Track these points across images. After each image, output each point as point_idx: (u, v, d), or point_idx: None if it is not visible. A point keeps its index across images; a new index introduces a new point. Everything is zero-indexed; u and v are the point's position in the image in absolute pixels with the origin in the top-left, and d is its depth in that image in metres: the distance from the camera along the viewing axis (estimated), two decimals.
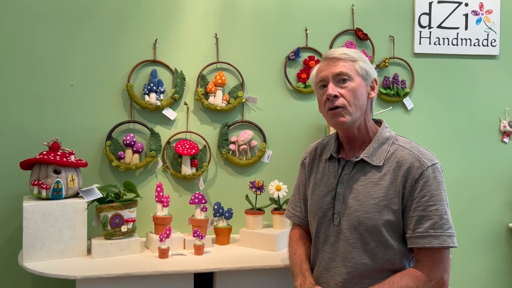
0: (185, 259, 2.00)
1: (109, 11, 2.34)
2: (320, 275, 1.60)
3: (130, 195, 2.15)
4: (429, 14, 2.67)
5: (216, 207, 2.26)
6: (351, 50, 1.58)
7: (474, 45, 2.72)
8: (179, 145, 2.37)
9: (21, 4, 2.24)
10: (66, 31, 2.29)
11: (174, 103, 2.40)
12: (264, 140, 2.50)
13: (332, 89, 1.52)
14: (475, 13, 2.71)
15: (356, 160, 1.57)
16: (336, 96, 1.52)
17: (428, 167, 1.48)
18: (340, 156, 1.62)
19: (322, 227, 1.62)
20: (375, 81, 1.61)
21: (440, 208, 1.46)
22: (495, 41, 2.74)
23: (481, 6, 2.72)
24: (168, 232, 2.02)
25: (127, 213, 2.07)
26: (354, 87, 1.53)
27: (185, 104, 2.42)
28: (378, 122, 1.65)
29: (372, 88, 1.60)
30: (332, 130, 2.43)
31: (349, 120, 1.53)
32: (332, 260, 1.57)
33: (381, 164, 1.53)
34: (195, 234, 2.08)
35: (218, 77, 2.41)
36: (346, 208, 1.54)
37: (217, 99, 2.41)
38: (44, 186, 1.99)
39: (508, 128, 2.76)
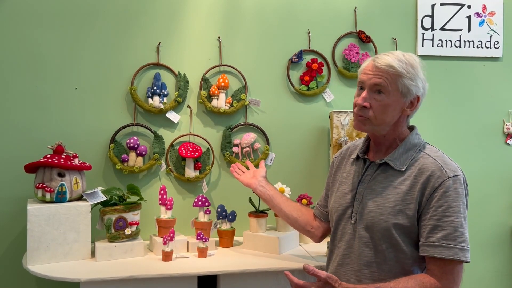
0: (188, 262, 2.01)
1: (113, 14, 2.35)
2: (335, 270, 1.63)
3: (133, 198, 2.15)
4: (432, 16, 2.67)
5: (219, 209, 2.26)
6: (401, 62, 1.48)
7: (477, 47, 2.71)
8: (182, 148, 2.37)
9: (25, 7, 2.25)
10: (70, 35, 2.30)
11: (177, 106, 2.41)
12: (267, 143, 2.50)
13: (363, 98, 1.51)
14: (478, 15, 2.71)
15: (380, 162, 1.57)
16: (365, 107, 1.51)
17: (449, 177, 1.46)
18: (366, 157, 1.64)
19: (341, 224, 1.65)
20: (418, 98, 1.52)
21: (456, 220, 1.44)
22: (498, 43, 2.74)
23: (484, 8, 2.71)
24: (171, 234, 2.03)
25: (131, 216, 2.08)
26: (387, 103, 1.50)
27: (189, 107, 2.43)
28: (411, 128, 1.63)
29: (411, 105, 1.54)
30: (335, 134, 2.44)
31: (369, 129, 1.56)
32: (346, 256, 1.60)
33: (404, 169, 1.53)
34: (199, 237, 2.08)
35: (221, 80, 2.41)
36: (364, 207, 1.56)
37: (220, 102, 2.42)
38: (48, 189, 2.00)
39: None
